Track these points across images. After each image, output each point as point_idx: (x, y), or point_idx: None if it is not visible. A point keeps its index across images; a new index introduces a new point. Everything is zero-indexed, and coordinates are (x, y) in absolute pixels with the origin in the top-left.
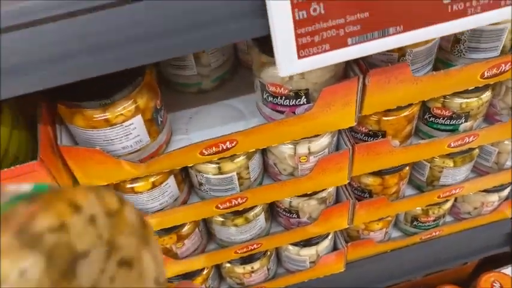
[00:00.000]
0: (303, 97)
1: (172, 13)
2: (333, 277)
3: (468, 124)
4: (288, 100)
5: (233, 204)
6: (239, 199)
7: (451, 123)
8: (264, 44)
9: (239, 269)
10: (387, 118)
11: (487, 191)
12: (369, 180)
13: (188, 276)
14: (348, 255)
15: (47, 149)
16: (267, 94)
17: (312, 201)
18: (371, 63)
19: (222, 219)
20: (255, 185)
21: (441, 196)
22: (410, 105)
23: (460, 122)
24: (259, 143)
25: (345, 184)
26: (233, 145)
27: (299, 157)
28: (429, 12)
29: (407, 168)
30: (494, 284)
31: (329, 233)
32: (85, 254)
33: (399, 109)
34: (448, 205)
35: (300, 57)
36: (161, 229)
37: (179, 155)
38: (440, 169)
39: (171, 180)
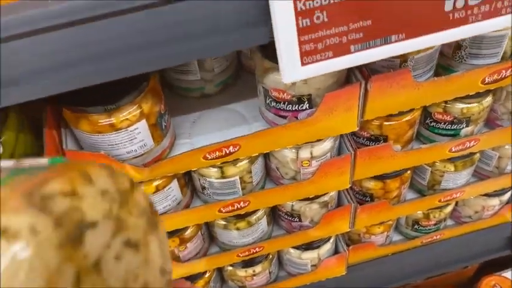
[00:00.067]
0: (306, 102)
1: (174, 21)
2: (334, 280)
3: (469, 129)
4: (291, 105)
5: (236, 207)
6: (242, 203)
7: (452, 128)
8: (267, 50)
9: (241, 272)
10: (389, 123)
11: (488, 195)
12: (371, 184)
13: (190, 279)
14: (349, 258)
15: (53, 153)
16: (270, 99)
17: (314, 205)
18: (373, 69)
19: (224, 222)
20: (258, 189)
21: (442, 200)
22: (411, 110)
23: (461, 127)
24: (262, 148)
25: (347, 188)
26: (236, 149)
27: (301, 161)
28: (431, 20)
29: (408, 172)
30: None
31: (330, 237)
32: (94, 224)
33: (401, 114)
34: (449, 209)
35: (304, 64)
36: None
37: (183, 159)
38: (441, 173)
39: (174, 184)
